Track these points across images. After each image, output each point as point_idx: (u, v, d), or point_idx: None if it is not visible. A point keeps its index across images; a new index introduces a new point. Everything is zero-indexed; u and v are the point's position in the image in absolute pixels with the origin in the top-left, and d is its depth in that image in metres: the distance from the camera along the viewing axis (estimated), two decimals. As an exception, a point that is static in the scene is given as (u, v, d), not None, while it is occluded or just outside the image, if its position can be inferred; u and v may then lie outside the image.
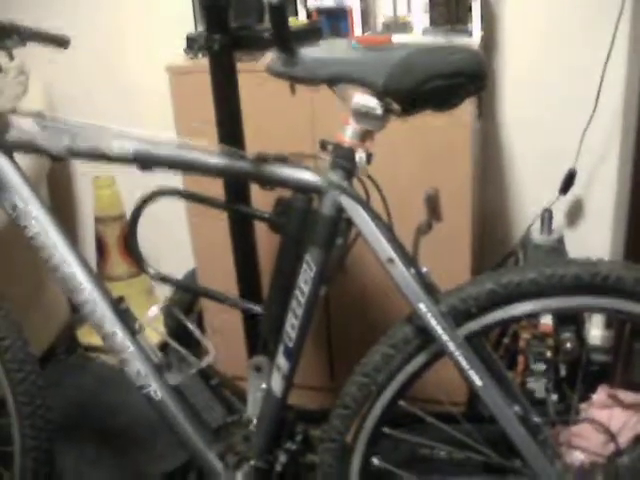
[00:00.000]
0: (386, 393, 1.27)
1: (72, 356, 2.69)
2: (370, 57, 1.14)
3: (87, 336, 2.67)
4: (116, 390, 2.36)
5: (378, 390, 1.26)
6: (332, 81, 1.15)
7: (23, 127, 1.37)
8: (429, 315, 1.16)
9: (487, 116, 2.34)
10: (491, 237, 2.44)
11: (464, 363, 1.16)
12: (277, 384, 1.30)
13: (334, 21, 2.07)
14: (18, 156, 1.40)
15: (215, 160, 1.25)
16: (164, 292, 2.64)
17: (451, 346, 1.16)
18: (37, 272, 2.44)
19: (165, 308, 1.46)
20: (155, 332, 1.45)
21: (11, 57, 1.57)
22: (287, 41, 1.14)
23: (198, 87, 1.62)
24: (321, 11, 2.08)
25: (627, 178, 1.99)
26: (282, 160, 1.21)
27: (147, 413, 1.39)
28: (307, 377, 2.12)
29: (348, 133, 1.17)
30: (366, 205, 1.18)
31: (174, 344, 1.37)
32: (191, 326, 1.41)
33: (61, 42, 1.68)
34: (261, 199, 1.35)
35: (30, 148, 1.37)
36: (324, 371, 2.18)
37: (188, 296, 2.43)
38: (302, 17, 2.07)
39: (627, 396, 1.95)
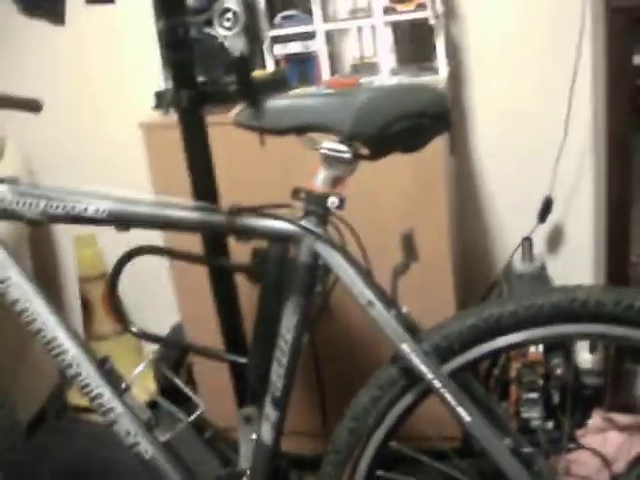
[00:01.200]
0: (377, 435, 1.26)
1: (62, 419, 2.66)
2: (334, 103, 1.15)
3: (77, 397, 2.65)
4: (108, 449, 2.33)
5: (368, 433, 1.26)
6: (299, 130, 1.17)
7: (-4, 194, 1.37)
8: (412, 355, 1.16)
9: (460, 150, 2.36)
10: (474, 270, 2.45)
11: (451, 399, 1.15)
12: (267, 434, 1.29)
13: (302, 66, 2.10)
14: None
15: (190, 215, 1.26)
16: (152, 348, 2.63)
17: (436, 384, 1.16)
18: (23, 335, 2.42)
19: (152, 364, 1.46)
20: (143, 390, 1.44)
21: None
22: (253, 93, 1.15)
23: (171, 142, 1.63)
24: (288, 57, 2.10)
25: (602, 201, 2.01)
26: (255, 211, 1.22)
27: (140, 470, 1.38)
28: (299, 423, 2.11)
29: (319, 180, 1.18)
30: (342, 250, 1.19)
31: (162, 401, 1.37)
32: (178, 381, 1.40)
33: (34, 106, 1.69)
34: (240, 250, 1.35)
35: (6, 215, 1.37)
36: (316, 416, 2.17)
37: (176, 351, 2.42)
38: (270, 66, 2.09)
39: (622, 418, 1.95)
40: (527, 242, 2.24)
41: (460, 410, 1.16)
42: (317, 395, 2.15)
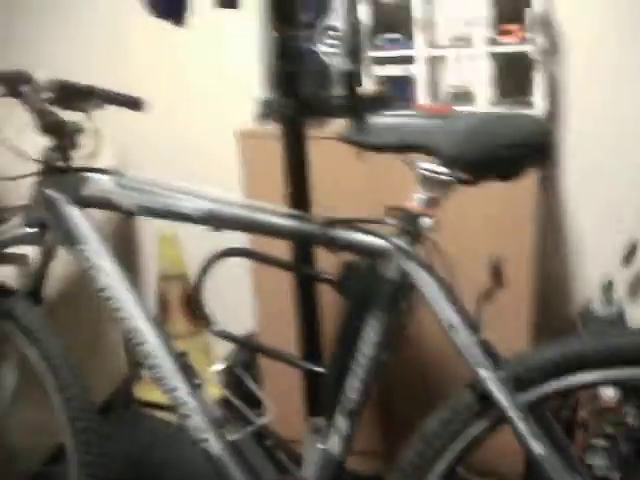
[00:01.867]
0: (444, 459, 1.25)
1: (128, 411, 2.71)
2: (438, 125, 1.17)
3: (143, 392, 2.71)
4: (170, 446, 2.38)
5: (436, 456, 1.25)
6: (401, 148, 1.18)
7: (99, 183, 1.43)
8: (490, 381, 1.16)
9: (550, 184, 2.34)
10: (551, 306, 2.42)
11: (524, 431, 1.15)
12: (335, 446, 1.30)
13: (399, 89, 2.11)
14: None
15: (284, 222, 1.28)
16: (223, 351, 2.66)
17: (511, 413, 1.15)
18: (97, 326, 2.50)
19: (227, 366, 1.48)
20: (216, 388, 1.47)
21: (89, 118, 1.65)
22: (358, 109, 1.18)
23: (266, 151, 1.66)
24: (388, 79, 2.12)
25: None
26: (349, 224, 1.24)
27: (201, 470, 1.40)
28: (362, 441, 2.10)
29: (415, 199, 1.20)
30: (430, 270, 1.20)
31: (235, 401, 1.39)
32: (252, 385, 1.43)
33: (136, 105, 1.76)
34: (326, 261, 1.37)
35: (104, 204, 1.43)
36: (380, 435, 2.17)
37: (247, 356, 2.44)
38: (369, 86, 2.11)
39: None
40: (608, 284, 2.21)
41: (532, 442, 1.15)
42: (383, 414, 2.15)
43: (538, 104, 2.03)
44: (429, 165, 1.17)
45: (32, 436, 2.02)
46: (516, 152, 1.15)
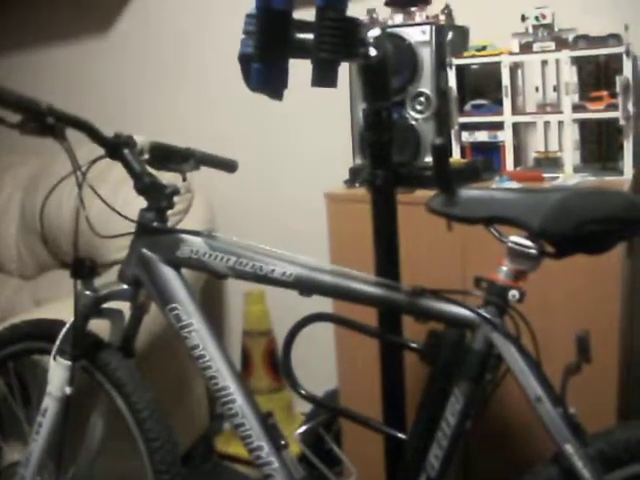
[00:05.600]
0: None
1: (207, 463, 2.74)
2: (526, 199, 1.19)
3: (224, 445, 2.74)
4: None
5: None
6: (489, 221, 1.20)
7: (192, 245, 1.48)
8: (576, 457, 1.15)
9: (637, 252, 2.30)
10: (639, 382, 2.36)
11: (611, 511, 1.13)
12: (418, 513, 1.30)
13: (487, 156, 2.13)
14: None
15: (372, 290, 1.31)
16: (303, 408, 2.67)
17: (599, 493, 1.14)
18: (182, 379, 2.55)
19: (310, 426, 1.51)
20: (297, 447, 1.49)
21: (184, 178, 1.72)
22: (448, 181, 1.20)
23: (354, 216, 1.69)
24: (474, 146, 2.14)
25: None
26: (436, 294, 1.26)
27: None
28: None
29: (502, 272, 1.21)
30: (517, 342, 1.20)
31: (318, 464, 1.41)
32: (335, 448, 1.44)
33: (230, 166, 1.83)
34: (410, 328, 1.39)
35: (197, 265, 1.48)
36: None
37: (328, 417, 2.45)
38: (456, 152, 2.13)
39: None
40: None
41: (618, 525, 1.13)
42: (461, 481, 2.12)
43: (627, 171, 2.01)
44: (517, 238, 1.19)
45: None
46: (605, 228, 1.15)
